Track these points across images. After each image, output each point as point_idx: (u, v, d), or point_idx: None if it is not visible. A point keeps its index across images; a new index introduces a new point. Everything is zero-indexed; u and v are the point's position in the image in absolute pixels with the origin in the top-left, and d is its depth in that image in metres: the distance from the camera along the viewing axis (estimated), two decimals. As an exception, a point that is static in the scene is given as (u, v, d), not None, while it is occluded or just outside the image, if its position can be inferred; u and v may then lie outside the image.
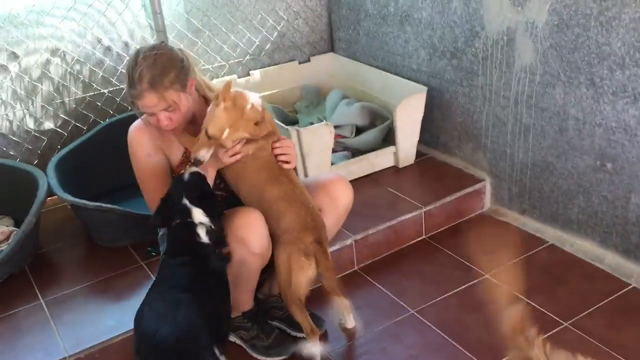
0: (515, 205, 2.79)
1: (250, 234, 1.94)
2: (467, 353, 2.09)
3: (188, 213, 1.84)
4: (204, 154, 1.89)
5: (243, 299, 2.14)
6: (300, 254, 1.98)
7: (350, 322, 2.23)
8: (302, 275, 1.99)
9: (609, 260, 2.44)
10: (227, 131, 1.87)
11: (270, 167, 2.03)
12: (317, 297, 2.14)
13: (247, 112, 1.91)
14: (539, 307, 2.26)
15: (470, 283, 2.43)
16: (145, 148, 2.04)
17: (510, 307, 1.63)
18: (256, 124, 1.94)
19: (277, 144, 2.04)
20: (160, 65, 1.91)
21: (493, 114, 2.76)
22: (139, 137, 2.05)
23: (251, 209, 1.98)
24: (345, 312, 2.22)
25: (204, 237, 1.84)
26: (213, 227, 1.86)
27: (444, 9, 2.83)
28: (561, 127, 2.46)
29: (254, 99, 1.96)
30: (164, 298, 1.76)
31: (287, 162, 2.06)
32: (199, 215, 1.84)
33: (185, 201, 1.84)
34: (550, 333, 2.14)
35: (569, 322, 2.18)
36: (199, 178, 1.91)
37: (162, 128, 1.99)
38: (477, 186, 2.86)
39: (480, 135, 2.86)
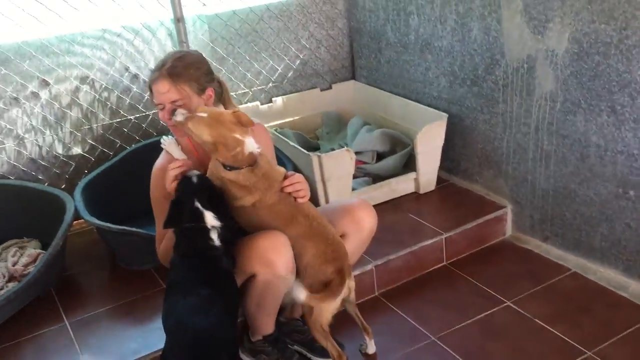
0: (537, 233, 2.78)
1: (276, 256, 1.94)
2: (489, 381, 2.08)
3: (200, 217, 1.87)
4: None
5: (265, 322, 2.15)
6: (321, 284, 1.99)
7: (372, 348, 2.24)
8: (324, 305, 2.00)
9: (633, 288, 2.41)
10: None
11: (283, 212, 2.01)
12: (337, 322, 2.14)
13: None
14: (561, 336, 2.24)
15: (492, 310, 2.42)
16: (163, 190, 2.04)
17: None
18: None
19: (286, 182, 2.01)
20: (185, 60, 2.02)
21: (514, 141, 2.77)
22: (159, 176, 2.07)
23: (277, 232, 1.98)
24: (366, 338, 2.22)
25: (216, 241, 1.89)
26: (223, 228, 1.89)
27: (464, 37, 2.87)
28: (583, 154, 2.46)
29: (252, 146, 1.94)
30: (191, 294, 1.82)
31: (301, 197, 2.04)
32: (211, 219, 1.88)
33: (197, 204, 1.87)
34: (574, 362, 2.12)
35: (593, 351, 2.16)
36: (207, 179, 1.94)
37: (165, 121, 2.05)
38: (499, 213, 2.86)
39: (501, 162, 2.87)
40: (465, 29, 2.86)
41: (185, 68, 2.01)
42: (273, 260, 1.93)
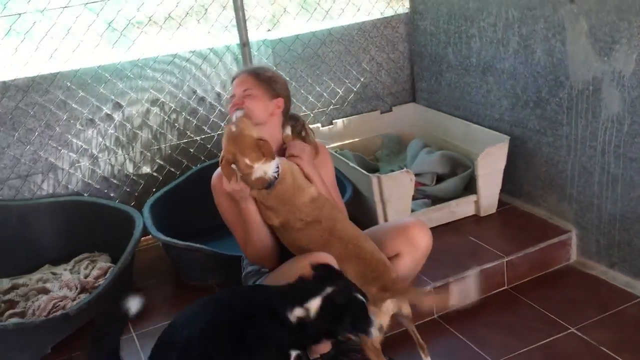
0: (603, 258, 2.70)
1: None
2: (552, 409, 2.02)
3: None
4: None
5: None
6: (368, 304, 1.99)
7: None
8: None
9: None
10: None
11: (315, 237, 2.04)
12: (394, 342, 2.15)
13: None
14: (629, 365, 2.16)
15: (556, 337, 2.36)
16: (226, 194, 2.12)
17: None
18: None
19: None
20: (266, 69, 2.25)
21: (579, 164, 2.71)
22: (220, 184, 2.14)
23: (320, 252, 1.99)
24: (422, 355, 2.18)
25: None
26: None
27: (527, 59, 2.85)
28: (651, 177, 2.39)
29: (262, 171, 1.98)
30: None
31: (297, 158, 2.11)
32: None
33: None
34: (642, 393, 2.04)
35: (663, 382, 2.07)
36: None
37: (230, 107, 2.16)
38: (563, 237, 2.80)
39: (565, 185, 2.82)
40: (528, 51, 2.84)
41: (264, 72, 2.23)
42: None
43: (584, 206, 2.75)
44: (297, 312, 1.77)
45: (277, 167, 2.00)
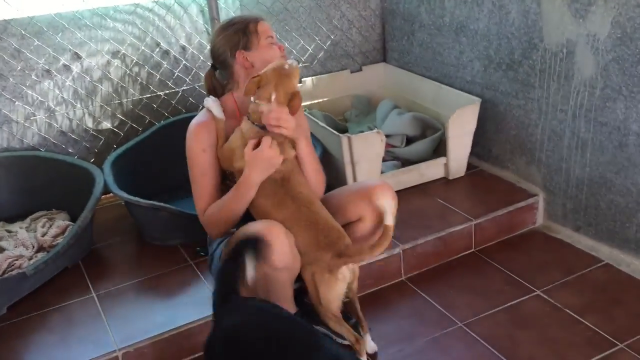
0: (569, 222, 2.72)
1: (270, 250, 1.85)
2: (518, 369, 2.04)
3: None
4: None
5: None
6: (323, 272, 1.95)
7: (370, 346, 2.14)
8: (329, 292, 1.97)
9: (668, 282, 2.35)
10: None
11: (273, 192, 2.00)
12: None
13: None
14: (593, 327, 2.19)
15: (521, 299, 2.37)
16: (201, 143, 2.06)
17: None
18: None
19: (272, 114, 1.96)
20: None
21: (549, 128, 2.70)
22: (198, 131, 2.07)
23: (272, 222, 1.92)
24: (362, 332, 2.12)
25: None
26: None
27: (502, 20, 2.80)
28: (621, 142, 2.39)
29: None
30: None
31: (285, 129, 1.98)
32: None
33: None
34: (605, 354, 2.07)
35: (625, 343, 2.11)
36: None
37: (284, 56, 2.16)
38: (530, 201, 2.80)
39: (534, 149, 2.81)
40: (502, 12, 2.79)
41: None
42: (266, 254, 1.85)
43: (552, 170, 2.75)
44: None
45: None
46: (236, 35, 2.12)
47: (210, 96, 2.14)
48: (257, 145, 1.96)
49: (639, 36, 2.22)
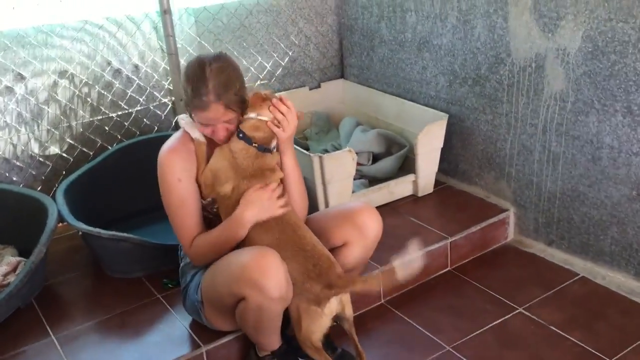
0: (541, 236, 2.72)
1: (266, 279, 1.74)
2: (513, 393, 1.98)
3: None
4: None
5: (268, 341, 2.00)
6: (309, 304, 1.84)
7: None
8: (313, 325, 1.86)
9: (646, 293, 2.37)
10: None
11: None
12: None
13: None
14: (579, 343, 2.17)
15: (505, 317, 2.33)
16: (175, 172, 1.92)
17: None
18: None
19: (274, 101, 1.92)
20: (227, 76, 1.85)
21: (518, 142, 2.70)
22: (170, 160, 1.93)
23: (267, 249, 1.80)
24: None
25: None
26: None
27: (466, 35, 2.79)
28: (594, 155, 2.40)
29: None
30: None
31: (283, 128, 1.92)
32: None
33: None
34: (596, 370, 2.05)
35: (614, 358, 2.09)
36: None
37: (216, 139, 1.92)
38: (501, 216, 2.78)
39: (504, 163, 2.80)
40: (467, 27, 2.78)
41: (230, 85, 1.85)
42: (263, 283, 1.74)
43: (522, 184, 2.74)
44: None
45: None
46: (187, 102, 1.92)
47: (183, 115, 1.99)
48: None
49: (612, 50, 2.23)
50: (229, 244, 1.91)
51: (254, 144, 1.88)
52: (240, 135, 1.89)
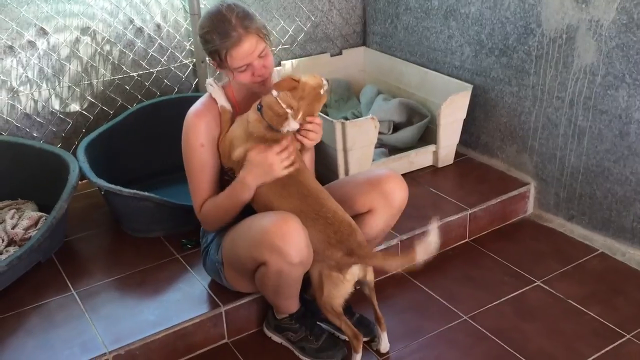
0: (562, 211, 2.70)
1: (287, 244, 1.74)
2: (531, 363, 1.98)
3: None
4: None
5: (287, 305, 2.01)
6: (331, 270, 1.84)
7: (385, 344, 2.04)
8: (334, 290, 1.86)
9: (666, 271, 2.35)
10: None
11: (276, 181, 1.87)
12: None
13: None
14: (598, 317, 2.16)
15: (523, 290, 2.33)
16: (200, 137, 1.91)
17: None
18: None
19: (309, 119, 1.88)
20: (242, 8, 1.87)
21: (544, 115, 2.66)
22: (196, 124, 1.92)
23: (288, 214, 1.79)
24: (379, 330, 2.03)
25: None
26: None
27: (496, 4, 2.73)
28: (622, 131, 2.37)
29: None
30: None
31: (310, 140, 1.91)
32: None
33: None
34: (614, 345, 2.04)
35: (632, 334, 2.09)
36: None
37: (258, 79, 1.88)
38: (522, 189, 2.76)
39: (527, 137, 2.76)
40: (497, -4, 2.72)
41: (253, 17, 1.89)
42: (283, 248, 1.74)
43: (545, 158, 2.71)
44: None
45: None
46: (210, 51, 1.89)
47: (211, 80, 1.97)
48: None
49: (647, 23, 2.18)
50: (234, 208, 1.90)
51: (266, 122, 1.85)
52: (259, 107, 1.86)
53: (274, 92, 1.83)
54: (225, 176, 1.99)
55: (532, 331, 2.12)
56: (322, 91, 1.89)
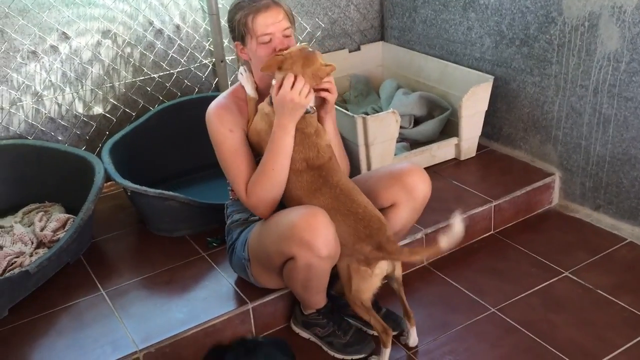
0: (588, 201, 2.66)
1: (316, 238, 1.74)
2: (561, 355, 1.96)
3: None
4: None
5: (315, 300, 2.02)
6: (359, 264, 1.84)
7: (413, 338, 2.03)
8: (363, 284, 1.86)
9: (697, 259, 2.31)
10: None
11: (310, 182, 1.88)
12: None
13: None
14: (628, 307, 2.14)
15: (551, 281, 2.30)
16: (227, 124, 1.92)
17: None
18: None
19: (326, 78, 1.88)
20: None
21: (567, 105, 2.63)
22: (220, 113, 1.93)
23: (316, 208, 1.80)
24: (408, 325, 2.03)
25: None
26: None
27: (515, -6, 2.71)
28: (648, 118, 2.33)
29: None
30: None
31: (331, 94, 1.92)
32: None
33: None
34: (645, 335, 2.02)
35: (664, 323, 2.06)
36: None
37: (276, 51, 1.88)
38: (547, 180, 2.73)
39: (550, 127, 2.73)
40: (516, -15, 2.69)
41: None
42: (312, 242, 1.74)
43: (569, 148, 2.68)
44: None
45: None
46: (238, 22, 1.91)
47: (242, 69, 1.99)
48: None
49: (672, 7, 2.15)
50: (279, 162, 1.85)
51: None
52: (270, 99, 1.88)
53: (272, 81, 1.84)
54: (257, 158, 1.99)
55: (562, 322, 2.10)
56: (309, 48, 1.85)
